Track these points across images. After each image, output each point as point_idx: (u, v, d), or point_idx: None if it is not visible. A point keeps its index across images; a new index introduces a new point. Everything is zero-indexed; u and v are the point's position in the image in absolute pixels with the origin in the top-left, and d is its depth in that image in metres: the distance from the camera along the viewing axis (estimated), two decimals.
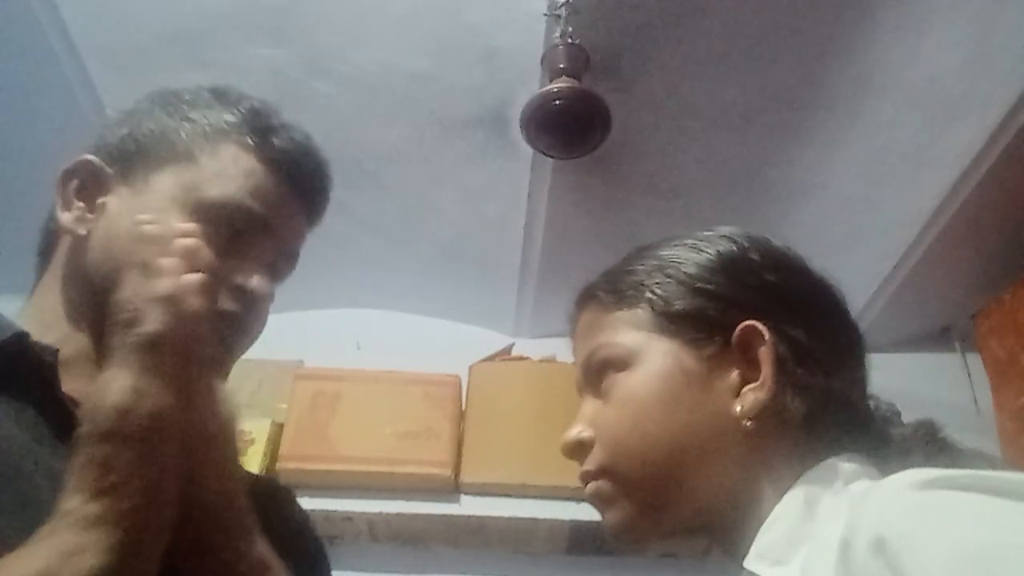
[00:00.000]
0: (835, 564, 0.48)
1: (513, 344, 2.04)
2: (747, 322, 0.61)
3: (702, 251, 0.65)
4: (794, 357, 0.60)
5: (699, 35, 1.45)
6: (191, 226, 0.59)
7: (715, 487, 0.60)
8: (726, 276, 0.64)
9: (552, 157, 1.55)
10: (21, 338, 0.62)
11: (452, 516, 1.70)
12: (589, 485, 0.64)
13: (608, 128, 1.45)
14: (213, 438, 0.56)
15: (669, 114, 1.59)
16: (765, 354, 0.60)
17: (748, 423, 0.59)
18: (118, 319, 0.53)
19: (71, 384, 0.64)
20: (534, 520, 1.71)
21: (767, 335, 0.60)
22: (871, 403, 0.65)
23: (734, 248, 0.65)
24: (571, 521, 1.70)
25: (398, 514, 1.70)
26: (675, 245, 0.67)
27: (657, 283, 0.64)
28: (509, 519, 1.71)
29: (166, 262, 0.54)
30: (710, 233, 0.67)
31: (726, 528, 0.60)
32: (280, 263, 0.75)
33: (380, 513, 1.69)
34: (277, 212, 0.73)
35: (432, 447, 1.70)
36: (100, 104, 1.53)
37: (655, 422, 0.61)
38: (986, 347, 1.89)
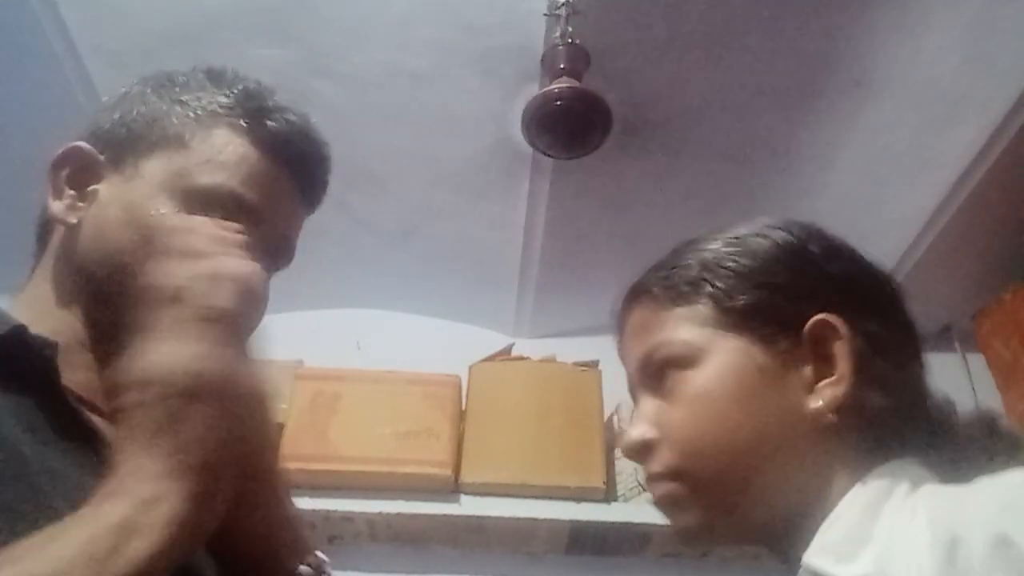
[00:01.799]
0: (940, 562, 0.47)
1: (513, 344, 2.04)
2: (819, 316, 0.59)
3: (759, 243, 0.63)
4: (872, 349, 0.59)
5: (699, 36, 1.45)
6: (237, 225, 0.61)
7: (789, 485, 0.58)
8: (788, 267, 0.62)
9: (552, 157, 1.55)
10: (19, 331, 0.61)
11: (452, 516, 1.70)
12: (659, 487, 0.62)
13: (608, 128, 1.45)
14: (262, 406, 0.56)
15: (669, 114, 1.59)
16: (841, 348, 0.58)
17: (831, 417, 0.57)
18: (160, 296, 0.53)
19: (69, 375, 0.63)
20: (534, 520, 1.70)
21: (842, 329, 0.59)
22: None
23: (791, 239, 0.63)
24: (571, 521, 1.70)
25: (398, 514, 1.69)
26: (729, 237, 0.65)
27: (717, 277, 0.62)
28: (509, 519, 1.71)
29: (234, 246, 0.56)
30: (761, 225, 0.65)
31: (790, 525, 0.59)
32: (275, 251, 0.74)
33: (380, 513, 1.69)
34: (270, 199, 0.71)
35: (432, 447, 1.70)
36: (100, 104, 1.53)
37: (730, 420, 0.59)
38: (989, 347, 1.88)
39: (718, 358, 0.60)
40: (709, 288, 0.62)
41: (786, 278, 0.62)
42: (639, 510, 1.70)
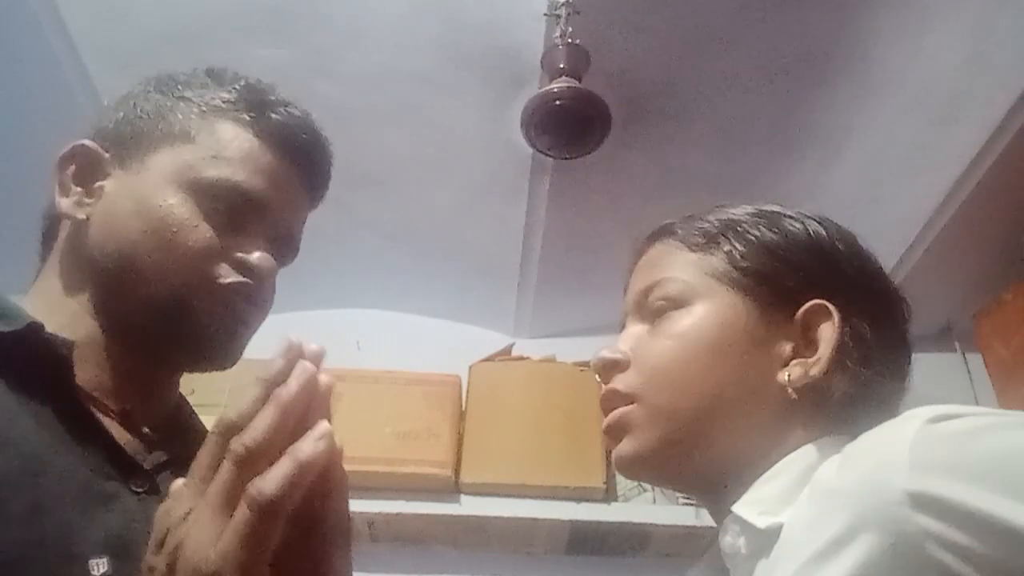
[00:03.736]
0: (870, 502, 0.48)
1: (513, 344, 2.04)
2: (819, 300, 0.62)
3: (793, 225, 0.66)
4: (856, 348, 0.61)
5: (699, 36, 1.45)
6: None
7: (735, 443, 0.61)
8: (810, 254, 0.65)
9: (552, 157, 1.55)
10: (35, 328, 0.62)
11: (452, 516, 1.70)
12: (614, 411, 0.64)
13: (608, 128, 1.45)
14: None
15: (669, 114, 1.59)
16: (828, 334, 0.61)
17: (792, 393, 0.60)
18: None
19: (81, 373, 0.64)
20: (534, 520, 1.71)
21: (836, 317, 0.61)
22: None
23: (823, 232, 0.66)
24: (571, 521, 1.70)
25: (398, 514, 1.69)
26: (765, 211, 0.68)
27: (740, 239, 0.66)
28: (509, 519, 1.71)
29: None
30: (800, 212, 0.68)
31: (728, 480, 0.61)
32: (280, 243, 0.74)
33: (380, 513, 1.69)
34: (276, 190, 0.72)
35: (432, 447, 1.70)
36: (100, 104, 1.52)
37: (701, 364, 0.62)
38: (989, 347, 1.88)
39: (711, 306, 0.64)
40: (728, 245, 0.65)
41: (804, 261, 0.65)
42: (639, 510, 1.70)
